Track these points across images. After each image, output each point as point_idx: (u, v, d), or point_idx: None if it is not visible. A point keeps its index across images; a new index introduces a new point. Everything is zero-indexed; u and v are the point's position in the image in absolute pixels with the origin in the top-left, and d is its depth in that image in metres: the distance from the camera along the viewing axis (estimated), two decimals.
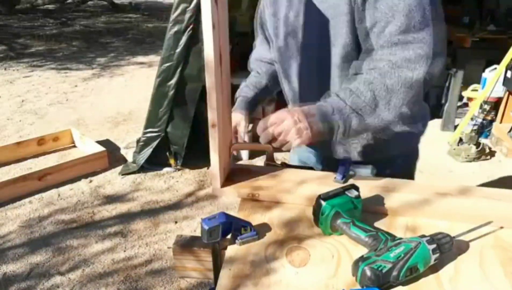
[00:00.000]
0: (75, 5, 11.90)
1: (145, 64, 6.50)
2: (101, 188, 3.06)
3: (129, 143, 3.66)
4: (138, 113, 4.37)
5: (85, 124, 4.21)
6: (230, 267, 0.79)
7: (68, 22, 9.82)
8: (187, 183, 3.12)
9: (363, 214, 0.94)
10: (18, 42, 7.81)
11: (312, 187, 1.02)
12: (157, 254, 2.38)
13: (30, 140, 3.52)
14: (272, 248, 0.84)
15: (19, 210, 2.78)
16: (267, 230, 0.90)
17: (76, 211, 2.78)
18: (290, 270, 0.78)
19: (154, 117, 3.11)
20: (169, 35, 2.86)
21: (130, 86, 5.49)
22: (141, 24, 10.04)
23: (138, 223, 2.66)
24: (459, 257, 0.81)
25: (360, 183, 1.03)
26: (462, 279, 0.76)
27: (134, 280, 2.19)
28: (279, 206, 0.98)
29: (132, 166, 3.24)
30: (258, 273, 0.78)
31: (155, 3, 13.15)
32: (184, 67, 2.92)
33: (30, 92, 5.14)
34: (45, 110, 4.58)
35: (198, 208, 2.82)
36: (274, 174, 1.09)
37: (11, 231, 2.58)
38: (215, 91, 0.89)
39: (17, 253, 2.39)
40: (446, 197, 0.97)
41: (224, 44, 0.94)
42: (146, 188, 3.06)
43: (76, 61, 6.64)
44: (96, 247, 2.44)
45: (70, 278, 2.21)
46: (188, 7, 2.77)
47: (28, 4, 11.24)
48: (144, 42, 8.03)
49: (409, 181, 1.06)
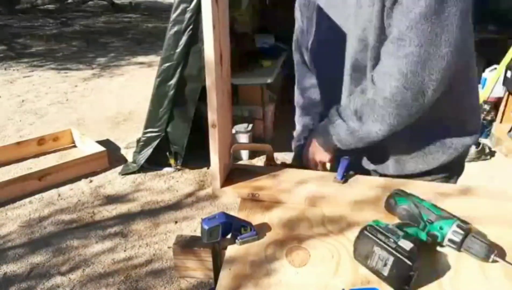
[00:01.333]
0: (75, 5, 11.90)
1: (145, 64, 6.50)
2: (101, 188, 3.06)
3: (129, 143, 3.66)
4: (138, 113, 4.38)
5: (85, 124, 4.22)
6: (230, 267, 0.79)
7: (68, 22, 9.82)
8: (187, 183, 3.13)
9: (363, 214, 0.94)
10: (18, 42, 7.81)
11: (312, 187, 1.02)
12: (157, 254, 2.39)
13: (30, 140, 3.52)
14: (272, 248, 0.84)
15: (19, 210, 2.79)
16: (267, 230, 0.90)
17: (76, 211, 2.79)
18: (290, 270, 0.78)
19: (154, 117, 3.11)
20: (169, 35, 2.86)
21: (130, 86, 5.49)
22: (141, 24, 10.04)
23: (138, 223, 2.66)
24: (459, 257, 0.81)
25: (360, 182, 1.04)
26: (462, 279, 0.76)
27: (134, 280, 2.19)
28: (279, 206, 0.98)
29: (132, 166, 3.24)
30: (258, 273, 0.78)
31: (155, 3, 13.15)
32: (184, 67, 2.92)
33: (30, 92, 5.14)
34: (45, 110, 4.58)
35: (198, 208, 2.82)
36: (274, 174, 1.09)
37: (11, 231, 2.58)
38: (215, 91, 0.89)
39: (17, 253, 2.39)
40: (446, 197, 0.97)
41: (225, 44, 0.94)
42: (146, 188, 3.06)
43: (76, 61, 6.64)
44: (96, 247, 2.44)
45: (71, 278, 2.21)
46: (188, 7, 2.77)
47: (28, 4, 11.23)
48: (144, 42, 8.03)
49: (409, 181, 1.06)
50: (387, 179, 1.08)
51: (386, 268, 0.71)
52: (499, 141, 3.60)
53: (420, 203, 0.86)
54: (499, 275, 0.77)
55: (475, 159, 3.42)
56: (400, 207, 0.87)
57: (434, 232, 0.81)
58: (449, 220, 0.81)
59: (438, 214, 0.83)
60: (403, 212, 0.87)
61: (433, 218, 0.82)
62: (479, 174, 3.26)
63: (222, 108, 0.96)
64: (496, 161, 3.46)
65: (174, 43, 2.87)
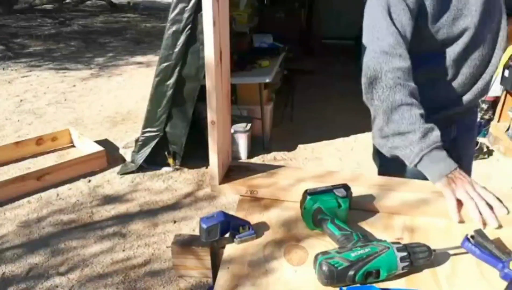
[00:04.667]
0: (73, 5, 11.87)
1: (143, 63, 6.49)
2: (100, 188, 3.06)
3: (127, 142, 3.65)
4: (137, 113, 4.38)
5: (83, 123, 4.21)
6: (228, 266, 0.79)
7: (66, 22, 9.80)
8: (185, 183, 3.13)
9: (360, 212, 0.94)
10: (16, 42, 7.78)
11: (310, 185, 1.02)
12: (156, 254, 2.39)
13: (28, 140, 3.51)
14: (270, 246, 0.85)
15: (17, 210, 2.78)
16: (265, 229, 0.90)
17: (75, 211, 2.78)
18: (288, 269, 0.78)
19: (152, 116, 3.11)
20: (168, 34, 2.86)
21: (128, 85, 5.48)
22: (139, 23, 10.02)
23: (136, 223, 2.66)
24: (456, 255, 0.81)
25: (358, 181, 1.04)
26: (459, 277, 0.77)
27: (133, 280, 2.19)
28: (277, 205, 0.99)
29: (130, 166, 3.24)
30: (256, 272, 0.78)
31: (153, 2, 13.13)
32: (183, 67, 2.92)
33: (28, 92, 5.13)
34: (43, 110, 4.57)
35: (196, 208, 2.82)
36: (273, 171, 1.09)
37: (9, 231, 2.57)
38: (215, 89, 0.90)
39: (16, 253, 2.39)
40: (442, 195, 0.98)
41: (225, 42, 0.94)
42: (145, 188, 3.06)
43: (74, 61, 6.63)
44: (95, 247, 2.44)
45: (69, 278, 2.21)
46: (186, 6, 2.77)
47: (26, 4, 11.21)
48: (142, 42, 8.02)
49: (407, 180, 1.06)
50: (386, 178, 1.08)
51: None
52: (497, 140, 3.61)
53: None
54: (496, 274, 0.77)
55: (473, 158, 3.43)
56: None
57: (373, 270, 0.74)
58: (387, 252, 0.75)
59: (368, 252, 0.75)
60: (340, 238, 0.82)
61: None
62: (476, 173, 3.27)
63: (221, 106, 0.96)
64: (493, 160, 3.47)
65: (173, 42, 2.87)
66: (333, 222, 0.84)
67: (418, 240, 0.82)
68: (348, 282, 0.72)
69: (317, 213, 0.86)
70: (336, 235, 0.82)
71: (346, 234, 0.81)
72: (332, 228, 0.83)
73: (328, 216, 0.85)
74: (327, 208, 0.86)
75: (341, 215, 0.87)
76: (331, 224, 0.84)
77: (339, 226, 0.83)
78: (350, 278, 0.72)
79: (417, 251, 0.76)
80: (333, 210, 0.87)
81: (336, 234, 0.82)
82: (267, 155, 3.56)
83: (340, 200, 0.87)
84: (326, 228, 0.84)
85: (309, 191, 0.88)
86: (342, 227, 0.83)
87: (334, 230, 0.82)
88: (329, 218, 0.85)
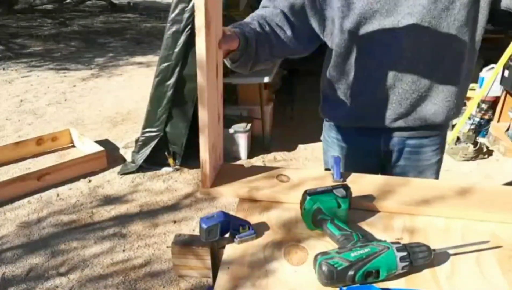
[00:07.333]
0: (73, 5, 11.88)
1: (143, 64, 6.50)
2: (100, 188, 3.06)
3: (127, 143, 3.65)
4: (137, 113, 4.38)
5: (83, 124, 4.21)
6: (228, 266, 0.79)
7: (66, 22, 9.80)
8: (186, 183, 3.13)
9: (360, 212, 0.94)
10: (16, 42, 7.79)
11: (310, 186, 1.02)
12: (156, 254, 2.39)
13: (28, 140, 3.51)
14: (270, 247, 0.85)
15: (17, 211, 2.78)
16: (265, 229, 0.90)
17: (75, 211, 2.78)
18: (288, 269, 0.78)
19: (152, 117, 3.11)
20: (168, 35, 2.86)
21: (128, 86, 5.48)
22: (139, 24, 10.03)
23: (137, 223, 2.66)
24: (456, 255, 0.82)
25: (358, 181, 1.04)
26: (459, 276, 0.77)
27: (133, 281, 2.19)
28: (277, 206, 0.99)
29: (130, 166, 3.24)
30: (256, 272, 0.78)
31: (154, 3, 13.14)
32: (183, 67, 2.92)
33: (28, 92, 5.13)
34: (43, 110, 4.57)
35: (197, 209, 2.82)
36: (272, 173, 1.09)
37: (9, 232, 2.57)
38: (207, 89, 0.89)
39: (16, 254, 2.39)
40: (443, 196, 0.98)
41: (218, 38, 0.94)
42: (145, 188, 3.06)
43: (75, 61, 6.63)
44: (95, 248, 2.44)
45: (69, 278, 2.21)
46: (186, 7, 2.77)
47: (26, 4, 11.21)
48: (142, 42, 8.03)
49: (406, 180, 1.06)
50: (386, 178, 1.08)
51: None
52: (497, 140, 3.61)
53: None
54: (496, 273, 0.77)
55: (473, 158, 3.43)
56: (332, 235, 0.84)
57: (373, 270, 0.74)
58: (387, 252, 0.75)
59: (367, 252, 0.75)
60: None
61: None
62: (476, 173, 3.27)
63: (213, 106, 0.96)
64: (493, 160, 3.47)
65: (173, 43, 2.87)
66: (332, 222, 0.84)
67: (418, 240, 0.83)
68: (348, 282, 0.73)
69: (317, 214, 0.87)
70: (336, 235, 0.82)
71: (346, 234, 0.81)
72: (332, 228, 0.83)
73: (328, 216, 0.86)
74: (327, 208, 0.86)
75: (341, 215, 0.87)
76: (331, 224, 0.84)
77: (339, 226, 0.83)
78: (350, 278, 0.72)
79: (417, 251, 0.76)
80: (333, 210, 0.87)
81: (336, 234, 0.82)
82: (267, 155, 3.56)
83: (339, 200, 0.87)
84: (326, 228, 0.84)
85: (308, 191, 0.88)
86: (342, 227, 0.83)
87: (334, 230, 0.83)
88: (329, 218, 0.85)
